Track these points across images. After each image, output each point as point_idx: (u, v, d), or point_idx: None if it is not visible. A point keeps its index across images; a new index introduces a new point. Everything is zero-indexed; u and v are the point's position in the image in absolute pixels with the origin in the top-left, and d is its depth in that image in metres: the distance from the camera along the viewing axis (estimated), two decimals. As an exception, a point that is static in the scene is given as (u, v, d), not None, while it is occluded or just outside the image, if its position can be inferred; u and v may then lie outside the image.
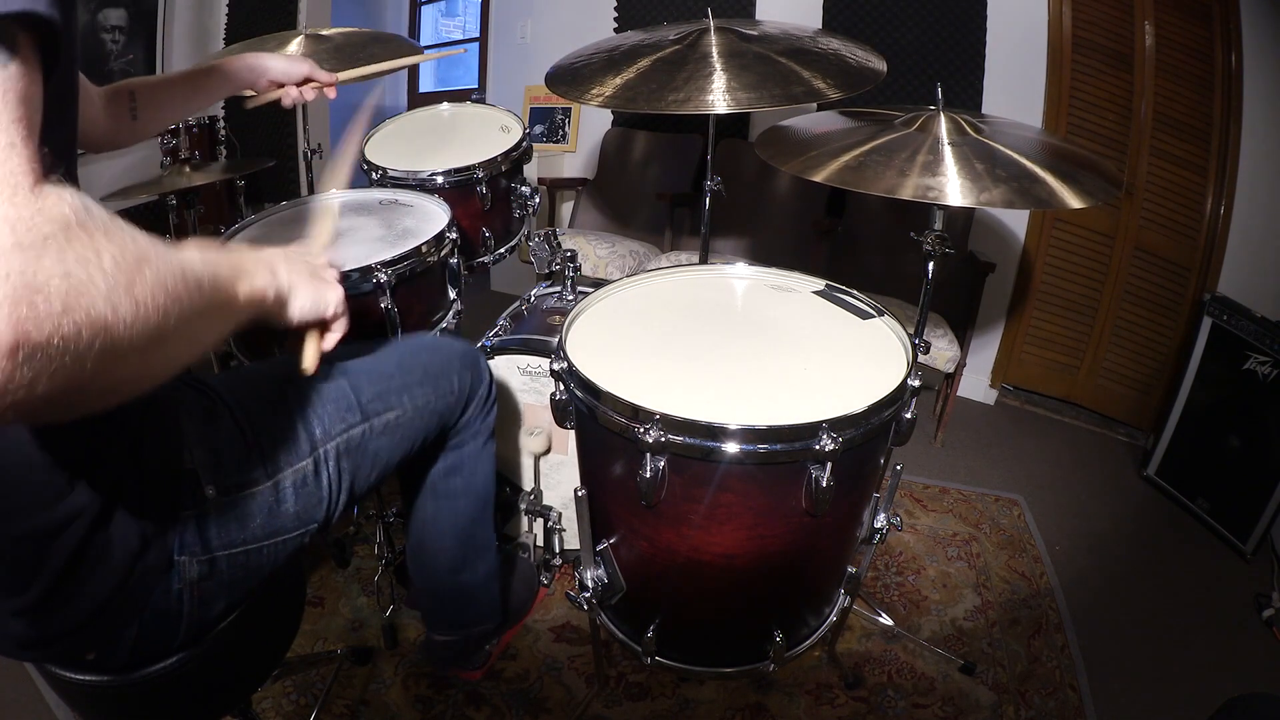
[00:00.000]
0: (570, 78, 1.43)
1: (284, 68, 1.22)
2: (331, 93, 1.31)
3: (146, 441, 0.73)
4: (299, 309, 0.76)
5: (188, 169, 2.21)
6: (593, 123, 3.37)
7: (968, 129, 1.18)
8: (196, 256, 0.54)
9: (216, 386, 0.85)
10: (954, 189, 1.06)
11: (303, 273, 0.76)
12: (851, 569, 1.09)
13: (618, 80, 1.35)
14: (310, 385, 0.91)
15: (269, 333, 1.31)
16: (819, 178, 1.14)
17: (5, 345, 0.35)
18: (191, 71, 1.13)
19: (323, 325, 0.82)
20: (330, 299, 0.80)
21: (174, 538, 0.75)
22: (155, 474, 0.73)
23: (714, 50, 1.35)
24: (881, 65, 1.36)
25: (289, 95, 1.26)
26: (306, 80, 1.26)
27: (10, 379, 0.36)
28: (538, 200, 1.90)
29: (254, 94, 1.26)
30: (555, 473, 1.64)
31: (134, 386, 0.47)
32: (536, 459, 1.60)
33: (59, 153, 0.62)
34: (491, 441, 1.24)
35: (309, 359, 0.82)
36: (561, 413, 1.01)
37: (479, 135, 1.92)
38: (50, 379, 0.38)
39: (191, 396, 0.81)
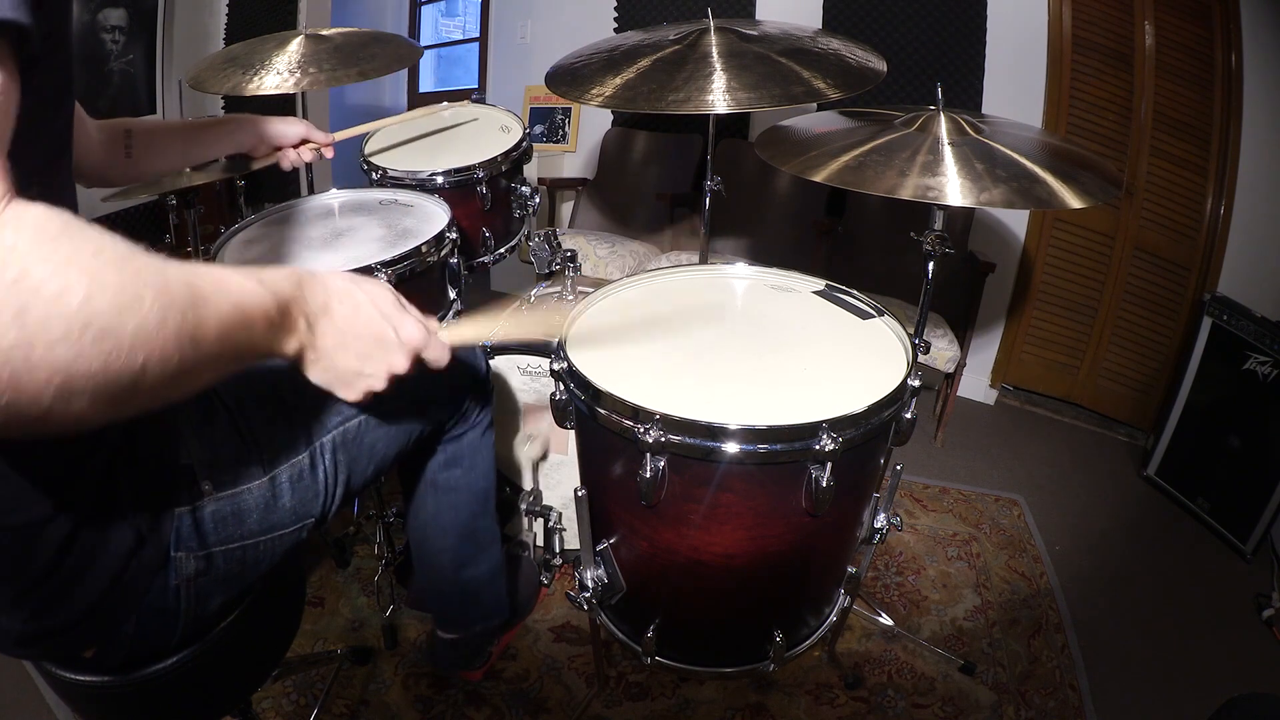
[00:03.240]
0: (570, 78, 1.43)
1: (280, 130, 1.25)
2: (329, 153, 1.34)
3: (141, 436, 0.73)
4: (313, 379, 0.66)
5: (187, 168, 2.21)
6: (593, 123, 3.37)
7: (968, 129, 1.18)
8: (221, 305, 0.48)
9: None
10: (954, 189, 1.06)
11: (342, 357, 0.64)
12: (851, 569, 1.09)
13: (618, 80, 1.35)
14: (305, 379, 0.91)
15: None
16: (819, 178, 1.14)
17: None
18: (191, 123, 1.14)
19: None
20: (357, 389, 0.67)
21: (170, 533, 0.74)
22: (150, 469, 0.73)
23: (714, 50, 1.35)
24: (881, 65, 1.36)
25: (287, 158, 1.29)
26: (304, 141, 1.29)
27: None
28: (538, 200, 1.90)
29: (253, 157, 1.29)
30: (555, 473, 1.64)
31: (104, 420, 0.43)
32: (535, 464, 1.60)
33: (37, 167, 0.61)
34: (490, 432, 1.23)
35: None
36: (561, 413, 1.01)
37: (479, 135, 1.92)
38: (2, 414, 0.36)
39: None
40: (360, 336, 0.65)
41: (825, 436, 0.83)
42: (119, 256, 0.41)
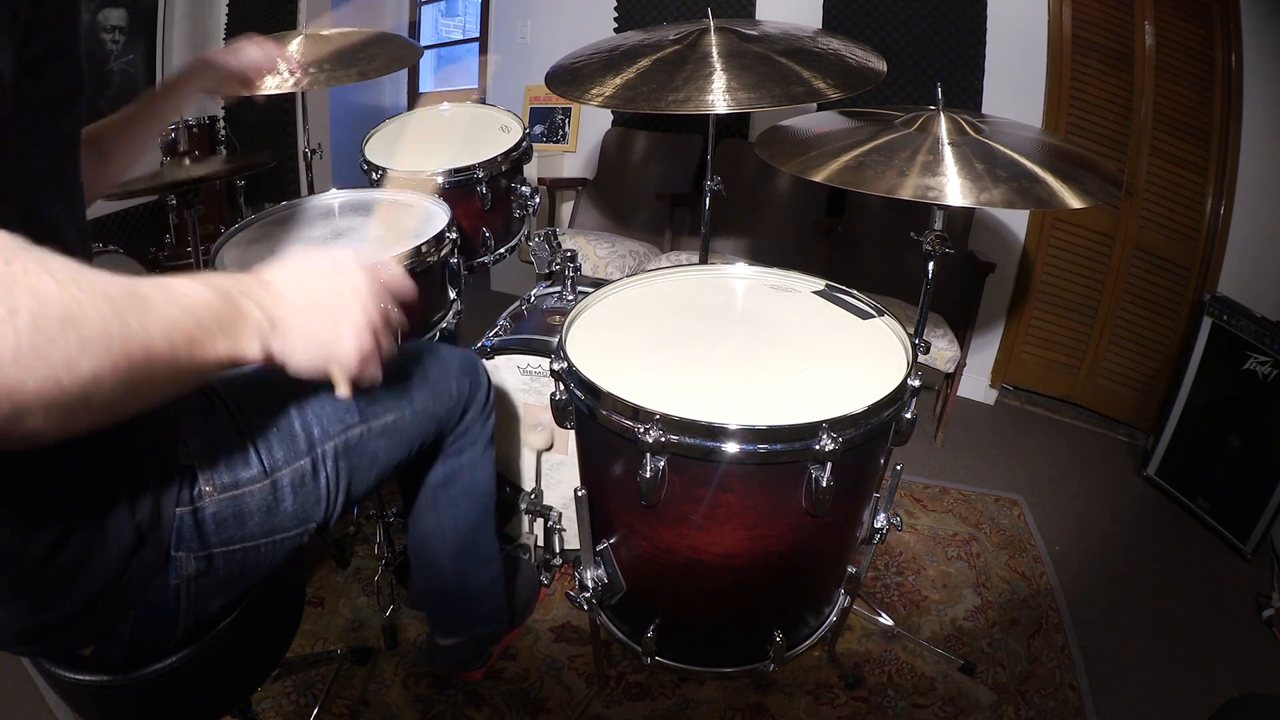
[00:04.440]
0: (570, 78, 1.43)
1: (227, 55, 1.12)
2: (282, 57, 1.18)
3: (141, 435, 0.73)
4: (300, 368, 0.64)
5: (187, 161, 2.21)
6: (593, 123, 3.37)
7: (968, 129, 1.18)
8: (168, 310, 0.47)
9: (216, 384, 0.84)
10: (954, 189, 1.06)
11: (312, 322, 0.63)
12: (851, 569, 1.09)
13: (618, 80, 1.35)
14: (309, 386, 0.91)
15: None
16: (819, 178, 1.14)
17: None
18: (144, 97, 1.05)
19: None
20: (344, 350, 0.66)
21: (171, 532, 0.75)
22: (150, 468, 0.73)
23: (714, 50, 1.35)
24: (881, 65, 1.37)
25: (255, 73, 1.14)
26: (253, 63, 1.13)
27: None
28: (538, 200, 1.90)
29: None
30: (555, 473, 1.64)
31: (58, 435, 0.43)
32: (539, 455, 1.60)
33: (45, 168, 0.61)
34: (491, 448, 1.24)
35: (340, 389, 0.69)
36: (561, 413, 1.01)
37: (479, 135, 1.92)
38: None
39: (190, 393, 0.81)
40: (316, 299, 0.64)
41: (825, 436, 0.83)
42: (59, 271, 0.41)
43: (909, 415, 0.97)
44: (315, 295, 0.64)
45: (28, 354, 0.38)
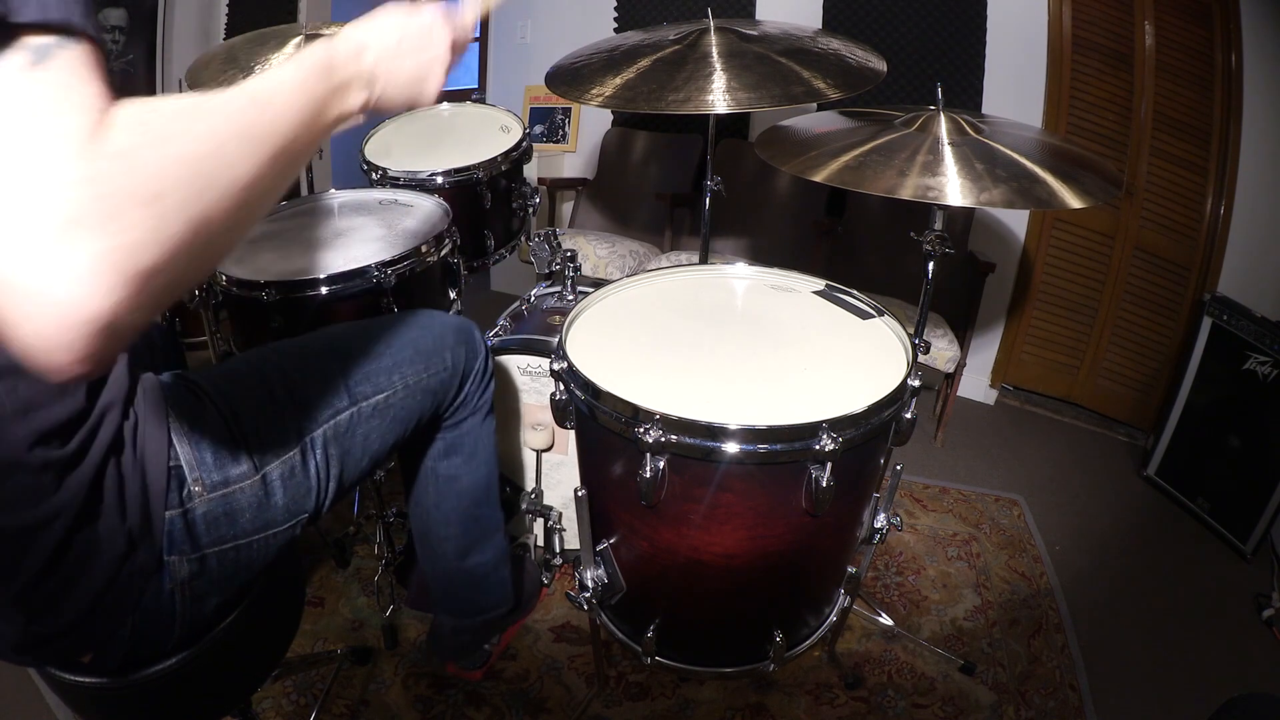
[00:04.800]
0: (570, 78, 1.43)
1: None
2: None
3: (131, 439, 0.72)
4: (392, 107, 0.71)
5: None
6: (593, 123, 3.37)
7: (968, 129, 1.18)
8: (277, 99, 0.53)
9: (202, 382, 0.84)
10: (954, 189, 1.05)
11: (401, 71, 0.68)
12: (851, 569, 1.09)
13: (618, 80, 1.35)
14: (295, 372, 0.90)
15: (263, 325, 1.30)
16: (819, 178, 1.14)
17: (128, 274, 0.38)
18: None
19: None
20: (430, 84, 0.72)
21: (162, 537, 0.74)
22: (140, 473, 0.72)
23: (714, 50, 1.35)
24: (881, 65, 1.36)
25: None
26: None
27: (136, 301, 0.39)
28: (538, 200, 1.90)
29: None
30: (555, 473, 1.64)
31: (241, 235, 0.51)
32: (539, 455, 1.60)
33: None
34: (491, 417, 1.20)
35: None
36: (561, 413, 1.01)
37: (479, 135, 1.92)
38: (166, 287, 0.42)
39: (177, 393, 0.81)
40: (401, 46, 0.69)
41: (825, 436, 0.83)
42: (191, 108, 0.46)
43: (909, 415, 0.97)
44: (402, 37, 0.69)
45: (203, 183, 0.43)
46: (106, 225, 0.37)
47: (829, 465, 0.84)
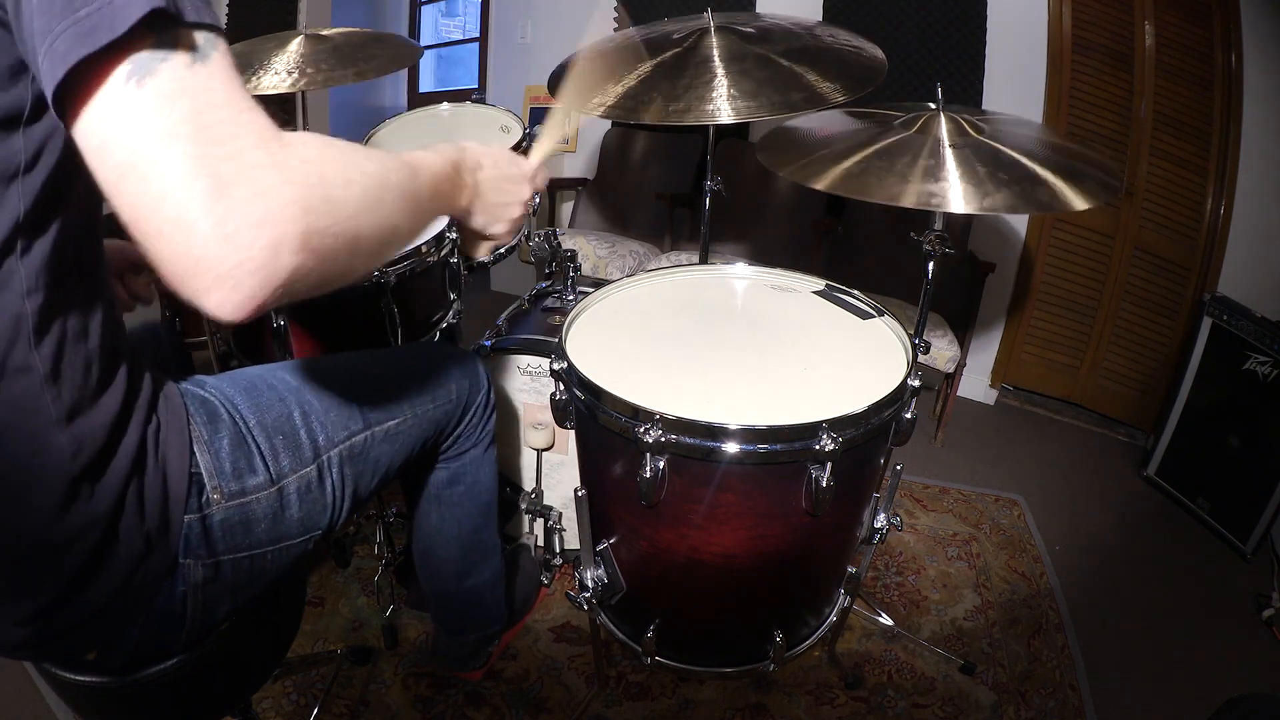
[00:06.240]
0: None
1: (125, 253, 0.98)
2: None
3: (154, 444, 0.73)
4: (475, 226, 0.82)
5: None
6: (593, 123, 3.36)
7: (969, 130, 1.18)
8: (424, 173, 0.64)
9: (221, 391, 0.85)
10: (956, 195, 1.04)
11: (494, 196, 0.80)
12: (851, 569, 1.09)
13: (619, 89, 1.34)
14: (313, 392, 0.92)
15: (267, 334, 1.31)
16: (821, 186, 1.13)
17: (294, 242, 0.46)
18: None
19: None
20: (509, 220, 0.83)
21: (179, 540, 0.75)
22: (162, 477, 0.73)
23: (715, 54, 1.33)
24: (882, 64, 1.35)
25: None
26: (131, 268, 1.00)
27: (299, 269, 0.47)
28: (538, 200, 1.90)
29: None
30: (555, 473, 1.64)
31: (373, 267, 0.68)
32: (539, 455, 1.60)
33: (79, 224, 0.62)
34: (492, 448, 1.25)
35: (481, 252, 0.89)
36: (561, 413, 1.01)
37: (479, 135, 1.91)
38: (320, 271, 0.49)
39: (197, 401, 0.82)
40: (502, 177, 0.81)
41: (825, 436, 0.83)
42: (361, 152, 0.55)
43: (909, 415, 0.97)
44: (501, 174, 0.81)
45: (366, 209, 0.53)
46: (297, 208, 0.46)
47: (829, 465, 0.84)
